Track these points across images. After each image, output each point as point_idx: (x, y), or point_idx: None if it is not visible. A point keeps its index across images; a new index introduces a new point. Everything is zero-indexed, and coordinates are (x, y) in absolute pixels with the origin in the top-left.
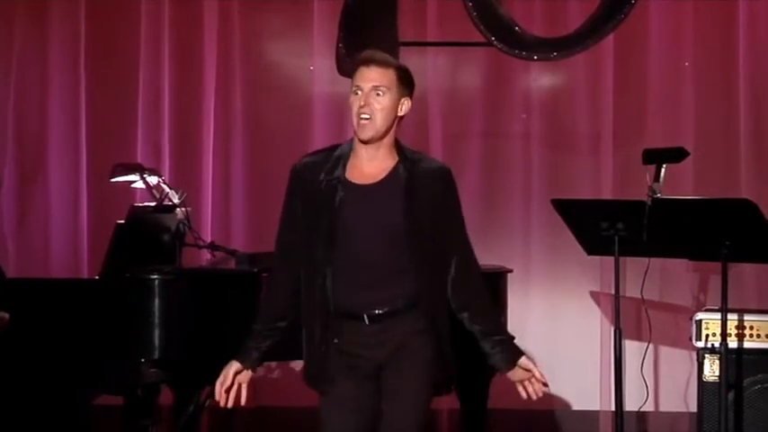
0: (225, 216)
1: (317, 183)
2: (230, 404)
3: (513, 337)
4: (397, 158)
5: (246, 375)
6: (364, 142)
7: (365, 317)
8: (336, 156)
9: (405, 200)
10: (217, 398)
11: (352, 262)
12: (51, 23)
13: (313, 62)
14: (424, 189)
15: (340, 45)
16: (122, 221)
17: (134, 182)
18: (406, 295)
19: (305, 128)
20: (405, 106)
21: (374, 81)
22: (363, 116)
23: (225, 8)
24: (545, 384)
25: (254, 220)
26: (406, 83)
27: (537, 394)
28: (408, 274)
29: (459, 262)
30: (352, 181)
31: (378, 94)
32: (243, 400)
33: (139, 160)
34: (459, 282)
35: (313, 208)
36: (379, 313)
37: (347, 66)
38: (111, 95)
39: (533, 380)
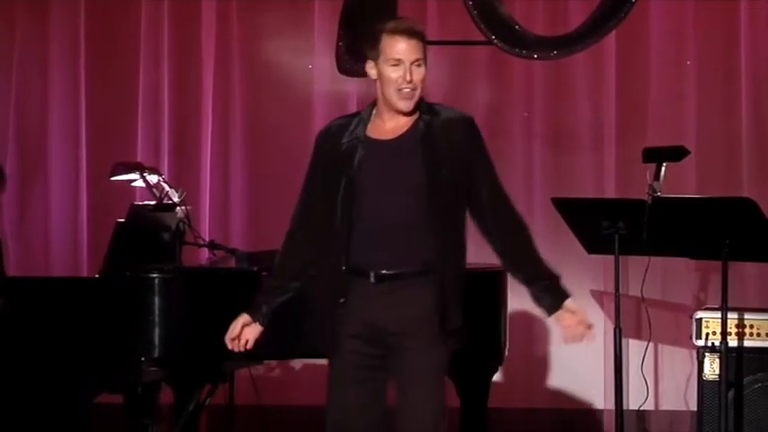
0: (224, 215)
1: (339, 145)
2: (238, 349)
3: (558, 277)
4: (418, 113)
5: (254, 329)
6: (405, 114)
7: (371, 275)
8: (359, 118)
9: (422, 152)
10: (229, 347)
11: (368, 218)
12: (51, 23)
13: (313, 61)
14: (442, 139)
15: (340, 44)
16: (122, 220)
17: (134, 180)
18: (418, 260)
19: (304, 127)
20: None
21: (416, 54)
22: (407, 90)
23: (224, 7)
24: (589, 327)
25: (254, 219)
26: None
27: (580, 338)
28: (424, 235)
29: (492, 206)
30: (373, 137)
31: (418, 66)
32: (249, 346)
33: (139, 159)
34: (494, 227)
35: (333, 168)
36: (385, 273)
37: (347, 64)
38: (111, 94)
39: (577, 323)
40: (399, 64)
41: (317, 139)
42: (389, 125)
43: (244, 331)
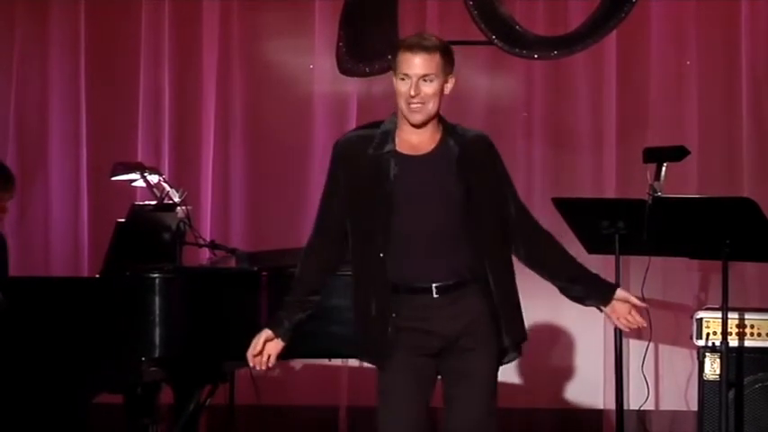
0: (224, 215)
1: (365, 156)
2: (261, 368)
3: (597, 275)
4: (441, 129)
5: (277, 345)
6: (416, 126)
7: (433, 288)
8: (383, 131)
9: (459, 169)
10: (251, 363)
11: (411, 233)
12: (51, 23)
13: (313, 61)
14: (475, 158)
15: (340, 44)
16: (123, 220)
17: (134, 180)
18: (470, 266)
19: (305, 127)
20: (450, 84)
21: (423, 69)
22: (414, 104)
23: (225, 7)
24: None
25: (254, 219)
26: (449, 62)
27: (639, 324)
28: (468, 245)
29: (520, 221)
30: (404, 152)
31: (428, 81)
32: (272, 363)
33: (139, 159)
34: (527, 240)
35: (365, 181)
36: (449, 284)
37: (347, 65)
38: (112, 94)
39: (633, 311)
40: (407, 78)
41: (338, 150)
42: (415, 140)
43: (266, 347)
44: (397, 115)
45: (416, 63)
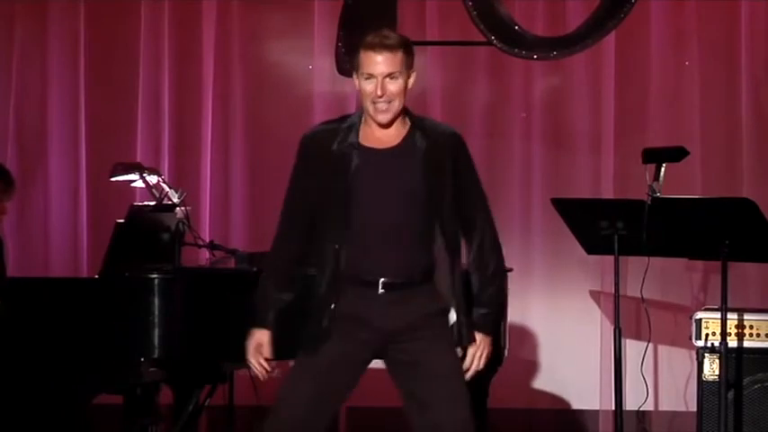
0: (224, 215)
1: (329, 149)
2: (265, 370)
3: (489, 313)
4: (408, 123)
5: (264, 334)
6: (383, 126)
7: (380, 283)
8: (347, 125)
9: (424, 165)
10: (257, 370)
11: (368, 226)
12: (51, 23)
13: (312, 61)
14: (442, 154)
15: (340, 44)
16: (122, 220)
17: (134, 181)
18: (423, 267)
19: (304, 127)
20: (412, 78)
21: (388, 68)
22: (381, 103)
23: (224, 7)
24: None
25: (254, 220)
26: (411, 57)
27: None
28: (425, 243)
29: (480, 223)
30: (367, 145)
31: (392, 79)
32: (266, 352)
33: (139, 159)
34: (478, 242)
35: (328, 173)
36: (396, 282)
37: (347, 65)
38: (111, 94)
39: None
40: (371, 78)
41: (303, 142)
42: (379, 134)
43: (258, 350)
44: (363, 110)
45: (380, 62)
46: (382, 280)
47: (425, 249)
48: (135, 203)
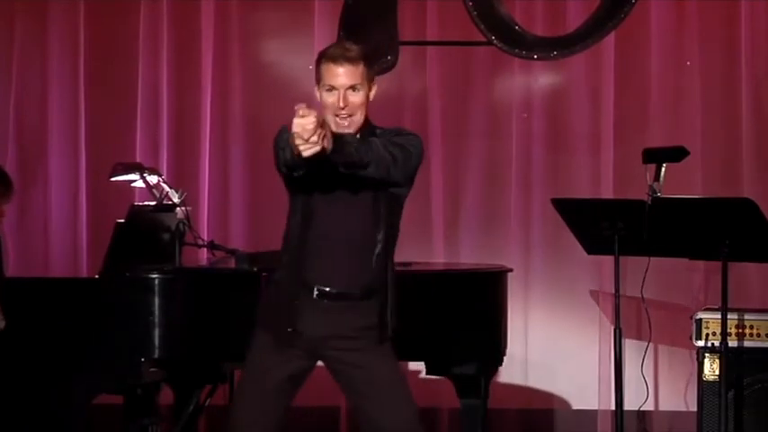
0: (224, 215)
1: (294, 158)
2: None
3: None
4: (368, 135)
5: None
6: None
7: (315, 290)
8: None
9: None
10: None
11: (316, 232)
12: (51, 23)
13: (312, 61)
14: None
15: None
16: (122, 220)
17: (134, 181)
18: (364, 284)
19: None
20: (373, 91)
21: (350, 80)
22: (343, 115)
23: (223, 7)
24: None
25: (253, 220)
26: (371, 67)
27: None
28: (367, 254)
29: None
30: None
31: (354, 91)
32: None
33: (139, 159)
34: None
35: (294, 179)
36: (332, 293)
37: None
38: (111, 94)
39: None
40: (333, 90)
41: (275, 142)
42: None
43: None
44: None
45: (342, 74)
46: (318, 287)
47: (374, 264)
48: (135, 203)
